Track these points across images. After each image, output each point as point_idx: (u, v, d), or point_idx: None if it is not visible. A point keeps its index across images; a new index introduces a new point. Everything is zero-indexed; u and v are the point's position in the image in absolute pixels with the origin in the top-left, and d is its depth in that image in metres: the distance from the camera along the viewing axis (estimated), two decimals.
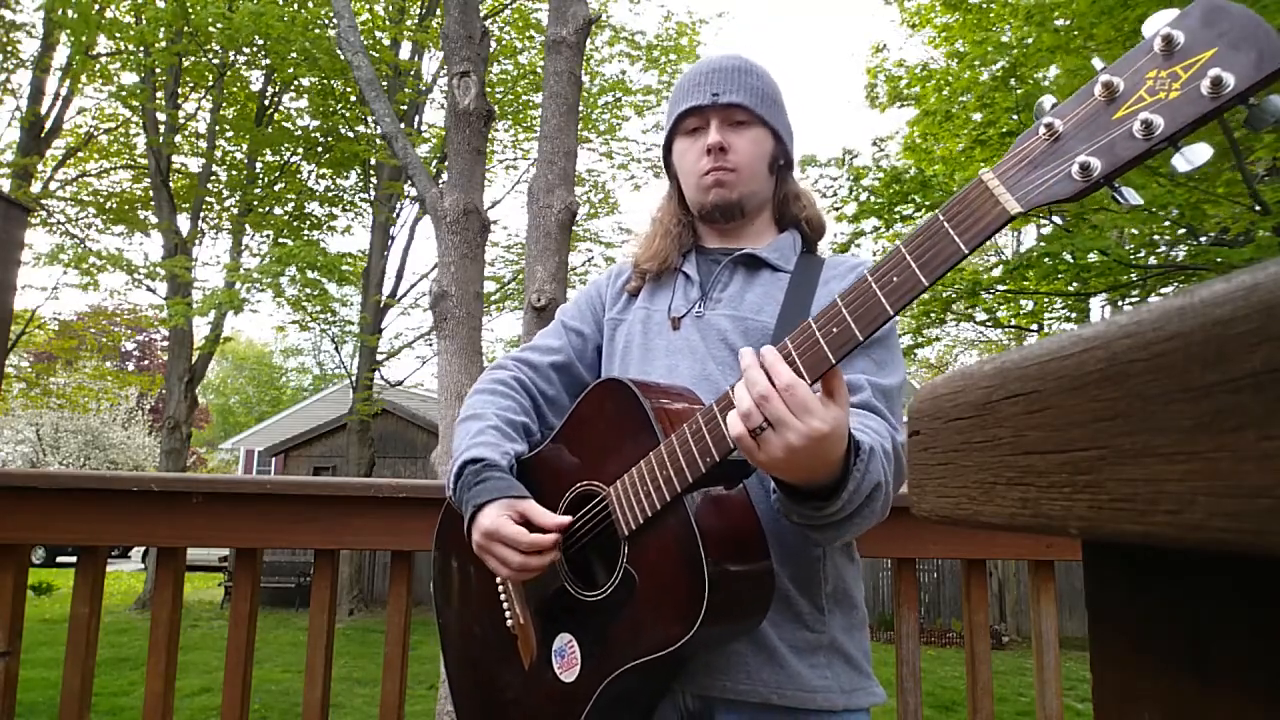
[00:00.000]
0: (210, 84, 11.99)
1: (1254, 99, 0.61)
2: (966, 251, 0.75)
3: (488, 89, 7.01)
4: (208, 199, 12.65)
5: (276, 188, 12.78)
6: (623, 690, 1.01)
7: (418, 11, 11.61)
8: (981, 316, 9.94)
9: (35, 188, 11.83)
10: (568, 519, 1.08)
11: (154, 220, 12.45)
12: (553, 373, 1.30)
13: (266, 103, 12.45)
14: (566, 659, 1.06)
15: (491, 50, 10.11)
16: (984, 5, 8.77)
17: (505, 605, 1.16)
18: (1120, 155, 0.67)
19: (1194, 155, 0.64)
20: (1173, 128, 0.64)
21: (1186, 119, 0.63)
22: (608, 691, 1.00)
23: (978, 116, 8.37)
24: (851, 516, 0.93)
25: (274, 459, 14.71)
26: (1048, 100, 0.73)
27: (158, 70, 11.25)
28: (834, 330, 0.83)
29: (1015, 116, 7.83)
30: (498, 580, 1.17)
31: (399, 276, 13.20)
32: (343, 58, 7.02)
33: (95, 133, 12.72)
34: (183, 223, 12.14)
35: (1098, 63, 0.70)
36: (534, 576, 1.08)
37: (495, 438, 1.17)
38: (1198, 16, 0.63)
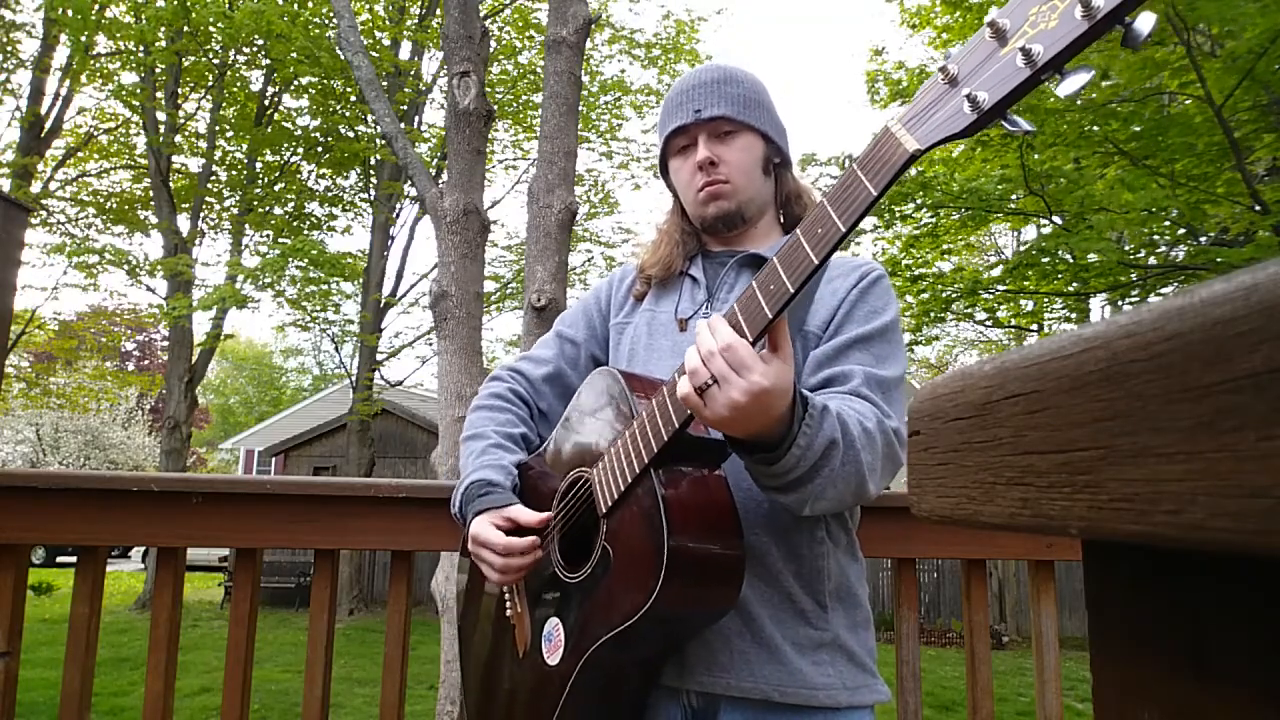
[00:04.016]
0: (210, 84, 11.98)
1: (1128, 17, 0.64)
2: (875, 193, 0.79)
3: (488, 89, 7.01)
4: (208, 199, 12.64)
5: (276, 188, 12.77)
6: (600, 669, 1.02)
7: (418, 11, 11.60)
8: (981, 316, 9.94)
9: (35, 188, 11.82)
10: (546, 515, 1.12)
11: (154, 220, 12.44)
12: (544, 385, 1.35)
13: (266, 102, 12.43)
14: (553, 642, 1.08)
15: (491, 50, 10.11)
16: (984, 5, 8.76)
17: (507, 598, 1.19)
18: (1006, 84, 0.71)
19: (1075, 80, 0.68)
20: (1051, 52, 0.67)
21: (1064, 42, 0.67)
22: (585, 670, 1.01)
23: None
24: (811, 475, 0.96)
25: (274, 459, 14.71)
26: (951, 50, 0.78)
27: (158, 70, 11.24)
28: (771, 287, 0.88)
29: None
30: None
31: (399, 276, 13.19)
32: (343, 58, 7.01)
33: (95, 133, 12.72)
34: (183, 223, 12.13)
35: (993, 11, 0.75)
36: (520, 575, 1.12)
37: (497, 456, 1.23)
38: None
